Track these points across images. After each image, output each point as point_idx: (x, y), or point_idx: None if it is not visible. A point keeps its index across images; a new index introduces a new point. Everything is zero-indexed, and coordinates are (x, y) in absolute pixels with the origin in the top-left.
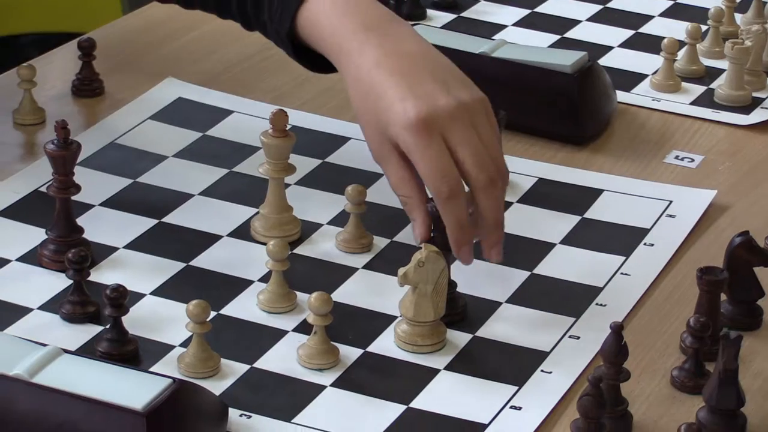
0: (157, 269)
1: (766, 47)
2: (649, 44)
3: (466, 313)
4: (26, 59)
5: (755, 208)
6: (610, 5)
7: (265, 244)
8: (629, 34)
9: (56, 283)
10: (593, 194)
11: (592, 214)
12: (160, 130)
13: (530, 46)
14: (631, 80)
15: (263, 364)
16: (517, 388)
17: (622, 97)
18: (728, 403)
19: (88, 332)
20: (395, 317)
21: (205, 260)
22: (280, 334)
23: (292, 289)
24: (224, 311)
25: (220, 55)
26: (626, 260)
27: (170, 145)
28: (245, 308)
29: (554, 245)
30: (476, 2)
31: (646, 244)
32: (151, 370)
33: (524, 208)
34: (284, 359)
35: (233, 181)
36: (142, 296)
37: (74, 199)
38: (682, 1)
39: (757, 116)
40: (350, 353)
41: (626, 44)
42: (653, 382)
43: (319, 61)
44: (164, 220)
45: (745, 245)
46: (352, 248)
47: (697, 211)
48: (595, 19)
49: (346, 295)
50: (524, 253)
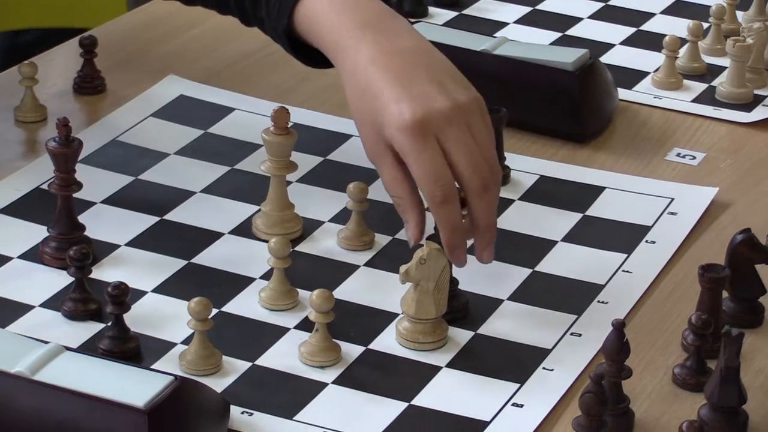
0: (158, 266)
1: (767, 45)
2: (650, 42)
3: (467, 310)
4: (28, 56)
5: (757, 205)
6: (611, 3)
7: (266, 241)
8: (631, 31)
9: (58, 280)
10: (595, 192)
11: (593, 211)
12: (161, 127)
13: (532, 43)
14: (632, 78)
15: (265, 361)
16: (518, 385)
17: (623, 94)
18: (730, 400)
19: (89, 330)
20: (397, 314)
21: (206, 258)
22: (281, 331)
23: (293, 286)
24: (226, 308)
25: (221, 52)
26: (628, 258)
27: (172, 142)
28: (247, 305)
29: (556, 243)
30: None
31: (647, 241)
32: (152, 367)
33: (526, 205)
34: (286, 356)
35: (235, 178)
36: (143, 293)
37: (76, 196)
38: None
39: (758, 114)
40: (352, 350)
41: (628, 42)
42: (655, 379)
43: (316, 56)
44: (166, 217)
45: (746, 242)
46: (353, 245)
47: (698, 208)
48: (596, 16)
49: (347, 292)
50: (526, 250)
